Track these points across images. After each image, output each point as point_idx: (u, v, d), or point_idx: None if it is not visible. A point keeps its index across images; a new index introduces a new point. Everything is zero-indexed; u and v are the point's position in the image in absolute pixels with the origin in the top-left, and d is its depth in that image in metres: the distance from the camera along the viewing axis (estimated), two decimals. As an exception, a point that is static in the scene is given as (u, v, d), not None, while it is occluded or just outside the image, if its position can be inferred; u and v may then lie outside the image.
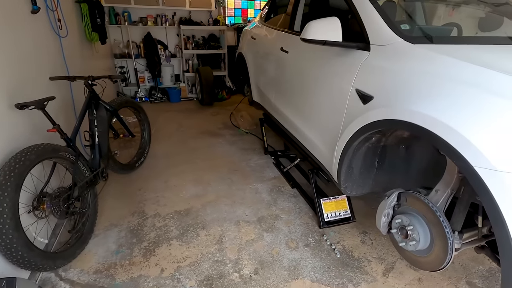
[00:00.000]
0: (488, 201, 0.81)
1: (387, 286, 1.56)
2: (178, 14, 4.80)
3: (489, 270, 1.67)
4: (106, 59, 4.23)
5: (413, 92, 1.09)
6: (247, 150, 3.11)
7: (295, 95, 2.10)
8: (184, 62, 4.99)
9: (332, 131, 1.58)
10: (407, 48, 1.23)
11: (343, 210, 2.01)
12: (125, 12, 4.42)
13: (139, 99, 4.71)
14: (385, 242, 1.85)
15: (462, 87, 0.95)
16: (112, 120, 2.33)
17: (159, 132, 3.49)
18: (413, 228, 1.21)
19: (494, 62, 1.00)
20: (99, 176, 1.94)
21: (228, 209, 2.14)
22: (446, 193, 1.19)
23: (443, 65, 1.07)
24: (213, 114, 4.29)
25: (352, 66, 1.44)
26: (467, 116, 0.89)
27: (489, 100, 0.87)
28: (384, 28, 1.34)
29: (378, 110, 1.21)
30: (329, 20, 1.46)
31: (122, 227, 1.93)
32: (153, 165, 2.75)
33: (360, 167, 1.53)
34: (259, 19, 3.25)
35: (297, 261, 1.70)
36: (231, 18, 5.62)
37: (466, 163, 0.86)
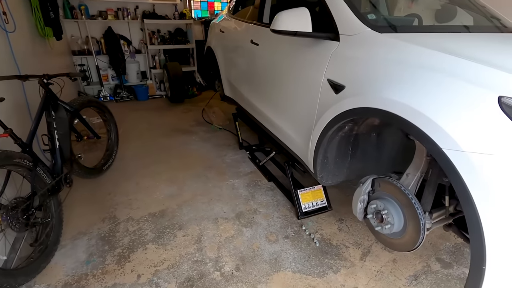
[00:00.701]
0: (456, 181, 0.85)
1: (365, 269, 1.61)
2: (140, 8, 4.57)
3: (455, 245, 1.79)
4: (64, 56, 3.92)
5: (383, 79, 1.11)
6: (221, 146, 3.06)
7: (268, 88, 2.08)
8: (150, 58, 4.78)
9: (306, 122, 1.59)
10: (374, 37, 1.26)
11: (319, 199, 2.05)
12: (81, 6, 4.11)
13: (103, 99, 4.44)
14: (361, 228, 1.91)
15: (428, 73, 0.98)
16: (73, 121, 2.16)
17: (127, 132, 3.32)
18: (387, 212, 1.25)
19: (456, 48, 1.05)
20: (62, 182, 1.80)
21: (205, 207, 2.09)
22: (416, 176, 1.24)
23: (409, 53, 1.10)
24: (184, 111, 4.17)
25: (322, 56, 1.44)
26: (434, 101, 0.93)
27: (454, 85, 0.90)
28: (352, 18, 1.36)
29: (350, 99, 1.22)
30: (298, 11, 1.45)
31: (92, 234, 1.81)
32: (122, 167, 2.61)
33: (334, 156, 1.55)
34: (227, 11, 3.18)
35: (278, 254, 1.70)
36: (197, 11, 5.46)
37: (435, 145, 0.89)
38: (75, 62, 4.33)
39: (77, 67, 4.36)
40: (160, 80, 4.86)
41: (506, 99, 0.80)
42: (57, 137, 1.85)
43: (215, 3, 5.58)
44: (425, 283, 1.54)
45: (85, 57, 4.38)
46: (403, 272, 1.60)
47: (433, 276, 1.58)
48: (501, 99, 0.81)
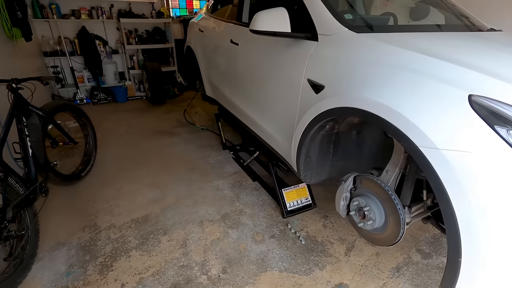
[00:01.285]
0: (432, 177, 0.89)
1: (350, 264, 1.65)
2: (116, 6, 4.42)
3: (433, 236, 1.87)
4: (34, 58, 3.74)
5: (360, 79, 1.13)
6: (204, 147, 3.03)
7: (250, 88, 2.08)
8: (128, 59, 4.64)
9: (288, 122, 1.60)
10: (352, 37, 1.28)
11: (304, 197, 2.07)
12: (52, 4, 3.92)
13: (79, 101, 4.27)
14: (345, 223, 1.95)
15: (403, 72, 1.01)
16: (47, 127, 2.07)
17: (106, 136, 3.21)
18: (369, 208, 1.28)
19: (429, 48, 1.08)
20: (37, 191, 1.72)
21: (190, 210, 2.06)
22: (395, 172, 1.28)
23: (385, 53, 1.12)
24: (166, 112, 4.09)
25: (302, 56, 1.45)
26: (409, 100, 0.95)
27: (427, 84, 0.93)
28: (330, 18, 1.37)
29: (330, 99, 1.24)
30: (276, 11, 1.44)
31: (71, 244, 1.74)
32: (102, 172, 2.52)
33: (317, 155, 1.57)
34: (205, 10, 3.13)
35: (265, 254, 1.70)
36: (176, 10, 5.36)
37: (411, 143, 0.92)
38: (48, 63, 4.14)
39: (50, 69, 4.16)
40: (139, 81, 4.73)
41: (476, 97, 0.84)
42: (30, 145, 1.76)
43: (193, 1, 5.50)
44: (406, 274, 1.60)
45: (58, 58, 4.19)
46: (386, 265, 1.65)
47: (414, 267, 1.64)
48: (471, 97, 0.84)
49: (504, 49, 1.33)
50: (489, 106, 0.82)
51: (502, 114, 0.80)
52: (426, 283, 1.54)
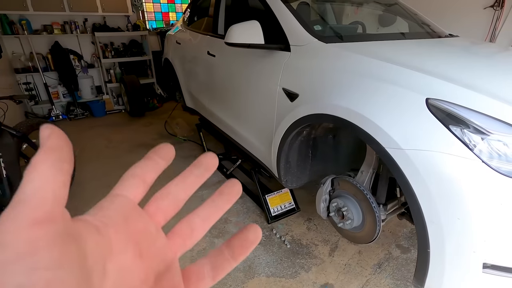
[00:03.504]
0: (399, 176, 0.96)
1: (334, 264, 1.70)
2: (90, 20, 4.36)
3: (411, 231, 1.96)
4: (5, 75, 3.62)
5: (330, 87, 1.20)
6: (187, 158, 3.02)
7: (228, 98, 2.12)
8: (104, 72, 4.57)
9: (267, 129, 1.65)
10: (321, 47, 1.36)
11: (287, 202, 2.12)
12: (22, 20, 3.82)
13: (54, 118, 4.15)
14: (328, 225, 2.01)
15: (368, 79, 1.09)
16: (22, 146, 2.01)
17: (85, 152, 3.14)
18: (347, 208, 1.35)
19: (391, 56, 1.18)
20: (13, 214, 1.66)
21: (174, 223, 2.03)
22: (369, 173, 1.35)
23: (351, 61, 1.21)
24: (146, 124, 4.05)
25: (276, 66, 1.52)
26: (374, 105, 1.03)
27: (390, 90, 1.01)
28: (300, 30, 1.45)
29: (304, 106, 1.30)
30: (249, 24, 1.51)
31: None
32: (81, 191, 2.46)
33: (296, 160, 1.63)
34: (182, 23, 3.17)
35: (251, 260, 1.73)
36: (152, 22, 5.36)
37: (379, 145, 0.99)
38: (19, 80, 4.00)
39: (22, 85, 4.03)
40: (117, 94, 4.66)
41: (433, 100, 0.92)
42: (4, 166, 1.71)
43: (170, 14, 5.52)
44: (388, 269, 1.67)
45: (31, 74, 4.06)
46: (368, 262, 1.71)
47: (394, 262, 1.71)
48: (428, 100, 0.92)
49: (459, 54, 1.46)
50: (444, 108, 0.90)
51: (456, 115, 0.89)
52: (406, 277, 1.62)
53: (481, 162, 0.83)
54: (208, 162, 0.22)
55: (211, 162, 0.22)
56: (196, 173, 0.21)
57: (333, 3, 2.42)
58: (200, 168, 0.22)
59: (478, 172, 0.83)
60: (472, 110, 0.88)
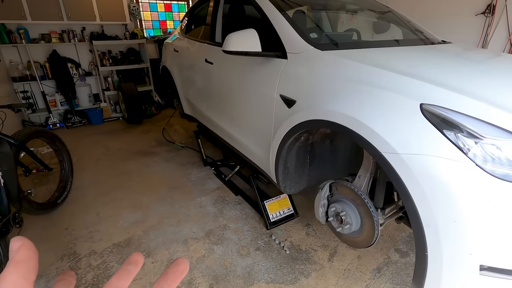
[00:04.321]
0: (396, 180, 0.97)
1: (333, 269, 1.70)
2: (88, 29, 4.40)
3: (409, 235, 1.97)
4: (2, 84, 3.63)
5: (327, 93, 1.22)
6: (185, 165, 3.02)
7: (226, 105, 2.14)
8: (102, 80, 4.59)
9: (265, 136, 1.66)
10: (317, 54, 1.38)
11: (286, 208, 2.12)
12: (20, 29, 3.85)
13: (52, 126, 4.15)
14: (326, 230, 2.01)
15: (364, 86, 1.11)
16: (19, 155, 2.00)
17: (82, 160, 3.13)
18: (345, 213, 1.35)
19: (386, 63, 1.20)
20: (10, 223, 1.65)
21: (173, 230, 2.04)
22: (366, 177, 1.37)
23: (347, 68, 1.23)
24: (144, 132, 4.05)
25: (273, 73, 1.54)
26: (370, 111, 1.05)
27: (385, 95, 1.04)
28: (297, 38, 1.48)
29: (301, 112, 1.32)
30: (247, 32, 1.53)
31: (49, 276, 1.67)
32: (80, 197, 2.45)
33: (294, 165, 1.64)
34: (179, 31, 3.20)
35: (251, 267, 1.72)
36: (149, 30, 5.41)
37: (375, 150, 1.01)
38: (17, 89, 4.01)
39: (19, 94, 4.03)
40: (115, 102, 4.67)
41: (427, 106, 0.94)
42: (1, 174, 1.70)
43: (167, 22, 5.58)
44: (387, 274, 1.67)
45: (28, 83, 4.08)
46: (368, 267, 1.72)
47: (393, 266, 1.72)
48: (422, 106, 0.95)
49: (453, 60, 1.49)
50: (438, 113, 0.92)
51: (449, 120, 0.91)
52: (405, 281, 1.62)
53: (475, 165, 0.85)
54: (137, 259, 0.29)
55: (139, 259, 0.29)
56: (129, 268, 0.28)
57: (328, 11, 2.46)
58: (131, 264, 0.28)
59: (473, 176, 0.85)
60: (465, 115, 0.90)
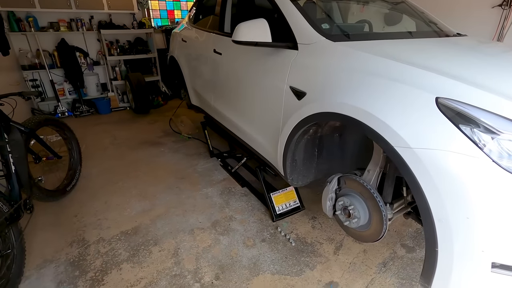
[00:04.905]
0: (408, 174, 0.96)
1: (339, 263, 1.70)
2: (96, 18, 4.38)
3: (416, 231, 1.96)
4: (12, 72, 3.65)
5: (338, 85, 1.20)
6: (192, 156, 3.03)
7: (234, 96, 2.12)
8: (110, 70, 4.59)
9: (273, 128, 1.65)
10: (329, 46, 1.35)
11: (292, 200, 2.12)
12: (29, 17, 3.85)
13: (60, 115, 4.18)
14: (332, 224, 2.01)
15: (377, 78, 1.08)
16: (29, 142, 2.03)
17: (90, 148, 3.16)
18: (353, 207, 1.35)
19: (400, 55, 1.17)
20: (21, 209, 1.68)
21: (180, 219, 2.06)
22: (376, 172, 1.35)
23: (359, 60, 1.20)
24: (151, 122, 4.07)
25: (283, 64, 1.52)
26: (383, 104, 1.03)
27: (399, 88, 1.01)
28: (308, 29, 1.45)
29: (312, 104, 1.30)
30: (257, 22, 1.51)
31: (59, 261, 1.71)
32: (88, 185, 2.49)
33: (302, 158, 1.63)
34: (187, 20, 3.17)
35: (256, 258, 1.73)
36: (157, 20, 5.37)
37: (387, 144, 0.99)
38: (26, 77, 4.04)
39: (28, 82, 4.06)
40: (122, 92, 4.69)
41: (442, 99, 0.92)
42: (12, 161, 1.73)
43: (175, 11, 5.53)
44: (393, 268, 1.67)
45: (37, 71, 4.10)
46: (373, 261, 1.72)
47: (399, 261, 1.71)
48: (438, 99, 0.92)
49: (468, 53, 1.45)
50: (454, 107, 0.90)
51: (465, 114, 0.88)
52: (411, 276, 1.62)
53: (491, 161, 0.83)
54: None
55: None
56: None
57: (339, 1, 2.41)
58: None
59: (488, 171, 0.83)
60: (482, 109, 0.87)
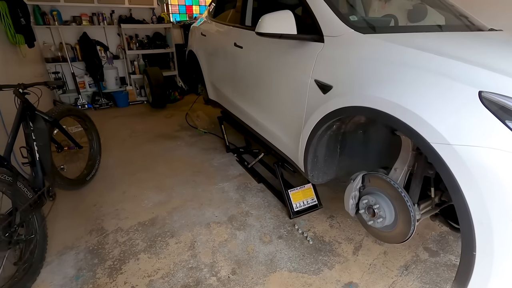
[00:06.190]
0: (444, 172, 0.90)
1: (358, 263, 1.65)
2: (117, 12, 4.45)
3: (440, 234, 1.88)
4: (36, 64, 3.75)
5: (369, 78, 1.15)
6: (208, 150, 3.03)
7: (255, 90, 2.09)
8: (129, 64, 4.66)
9: (295, 122, 1.61)
10: (358, 38, 1.30)
11: (310, 198, 2.08)
12: (53, 11, 3.94)
13: (81, 107, 4.28)
14: (351, 223, 1.96)
15: (412, 71, 1.03)
16: (53, 132, 2.07)
17: (109, 140, 3.21)
18: (379, 206, 1.29)
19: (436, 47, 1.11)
20: (44, 196, 1.72)
21: (196, 213, 2.06)
22: (403, 170, 1.30)
23: (393, 52, 1.15)
24: (167, 116, 4.10)
25: (308, 57, 1.47)
26: (419, 97, 0.97)
27: (438, 82, 0.95)
28: (336, 20, 1.40)
29: (339, 98, 1.25)
30: (282, 13, 1.47)
31: (79, 248, 1.74)
32: (107, 176, 2.52)
33: (324, 155, 1.59)
34: (207, 15, 3.16)
35: (273, 254, 1.71)
36: (176, 15, 5.40)
37: (423, 140, 0.94)
38: (49, 69, 4.15)
39: (51, 75, 4.17)
40: (140, 86, 4.75)
41: (486, 93, 0.86)
42: (37, 149, 1.77)
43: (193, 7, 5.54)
44: (415, 272, 1.60)
45: (60, 64, 4.20)
46: (394, 263, 1.66)
47: (422, 265, 1.65)
48: (481, 93, 0.86)
49: (507, 47, 1.36)
50: (499, 102, 0.84)
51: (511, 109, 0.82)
52: (435, 281, 1.55)
53: (540, 160, 0.77)
54: None
55: None
56: None
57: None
58: None
59: (536, 172, 0.77)
60: (530, 105, 0.81)
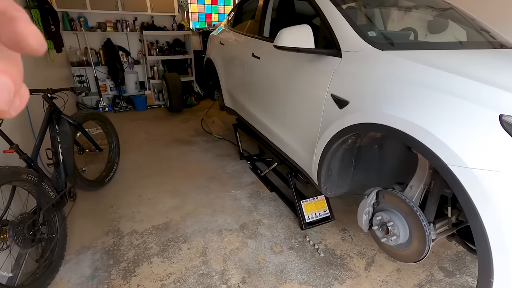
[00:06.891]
0: (461, 195, 0.89)
1: (370, 279, 1.63)
2: (139, 19, 4.62)
3: (456, 254, 1.83)
4: (63, 68, 3.94)
5: (387, 96, 1.15)
6: (222, 156, 3.08)
7: (270, 101, 2.12)
8: (148, 69, 4.81)
9: (310, 135, 1.62)
10: (376, 54, 1.31)
11: (322, 210, 2.07)
12: (81, 18, 4.15)
13: (101, 109, 4.45)
14: (364, 238, 1.93)
15: (431, 91, 1.02)
16: (76, 134, 2.17)
17: (127, 143, 3.32)
18: (393, 223, 1.28)
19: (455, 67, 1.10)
20: (66, 196, 1.80)
21: (208, 219, 2.09)
22: (419, 188, 1.28)
23: (412, 71, 1.14)
24: (184, 121, 4.19)
25: (325, 72, 1.49)
26: (437, 118, 0.97)
27: (457, 103, 0.95)
28: (354, 36, 1.41)
29: (355, 114, 1.26)
30: (301, 28, 1.50)
31: (96, 248, 1.80)
32: (124, 178, 2.60)
33: (338, 168, 1.58)
34: (226, 24, 3.23)
35: (283, 265, 1.71)
36: (195, 22, 5.54)
37: (440, 161, 0.93)
38: (74, 73, 4.34)
39: (76, 78, 4.36)
40: (158, 90, 4.88)
41: (507, 117, 0.85)
42: (61, 151, 1.85)
43: (212, 15, 5.67)
44: (429, 292, 1.56)
45: (84, 68, 4.39)
46: (408, 282, 1.62)
47: (437, 285, 1.60)
48: (502, 117, 0.85)
49: (531, 67, 1.33)
50: (521, 126, 0.82)
51: (533, 134, 0.81)
52: (450, 303, 1.51)
53: None
54: None
55: None
56: None
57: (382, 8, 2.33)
58: None
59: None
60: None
